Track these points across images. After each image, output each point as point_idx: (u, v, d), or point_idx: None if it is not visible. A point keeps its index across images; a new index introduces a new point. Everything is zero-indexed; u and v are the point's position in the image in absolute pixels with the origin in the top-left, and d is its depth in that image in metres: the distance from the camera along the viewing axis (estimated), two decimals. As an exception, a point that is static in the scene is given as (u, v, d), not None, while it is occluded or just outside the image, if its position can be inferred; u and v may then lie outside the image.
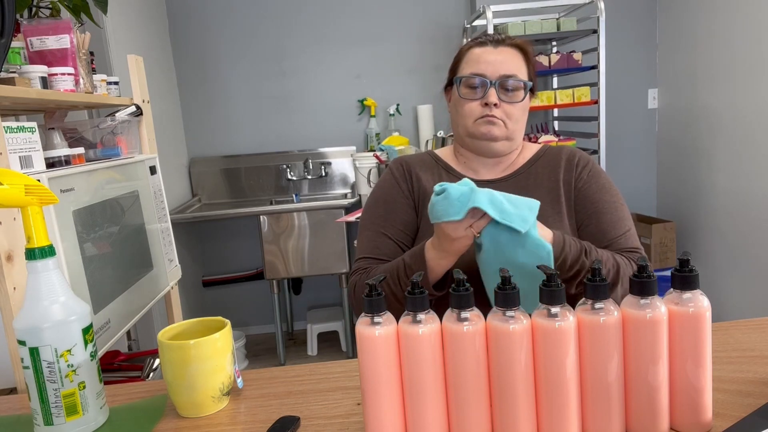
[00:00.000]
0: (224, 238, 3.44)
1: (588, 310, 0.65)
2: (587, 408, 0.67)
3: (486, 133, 1.09)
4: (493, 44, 1.11)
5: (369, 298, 0.68)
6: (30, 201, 0.77)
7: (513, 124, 1.10)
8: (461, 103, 1.11)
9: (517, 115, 1.10)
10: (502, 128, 1.09)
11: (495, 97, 1.07)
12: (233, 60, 3.30)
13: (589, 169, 1.14)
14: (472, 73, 1.09)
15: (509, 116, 1.09)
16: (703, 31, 2.92)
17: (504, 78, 1.08)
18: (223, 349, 0.84)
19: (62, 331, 0.78)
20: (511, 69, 1.08)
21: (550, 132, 3.15)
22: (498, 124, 1.08)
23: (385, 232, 1.13)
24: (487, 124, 1.08)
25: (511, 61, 1.09)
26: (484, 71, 1.08)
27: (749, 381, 0.80)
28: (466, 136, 1.13)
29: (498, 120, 1.08)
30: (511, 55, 1.10)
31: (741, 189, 2.75)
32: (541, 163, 1.15)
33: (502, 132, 1.09)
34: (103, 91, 1.59)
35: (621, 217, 1.10)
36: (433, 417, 0.68)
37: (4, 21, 1.06)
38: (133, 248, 1.48)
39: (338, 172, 3.39)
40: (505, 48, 1.10)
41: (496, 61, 1.08)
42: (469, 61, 1.12)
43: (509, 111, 1.09)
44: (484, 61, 1.09)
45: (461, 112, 1.11)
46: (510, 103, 1.08)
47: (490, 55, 1.09)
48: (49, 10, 1.55)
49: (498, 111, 1.08)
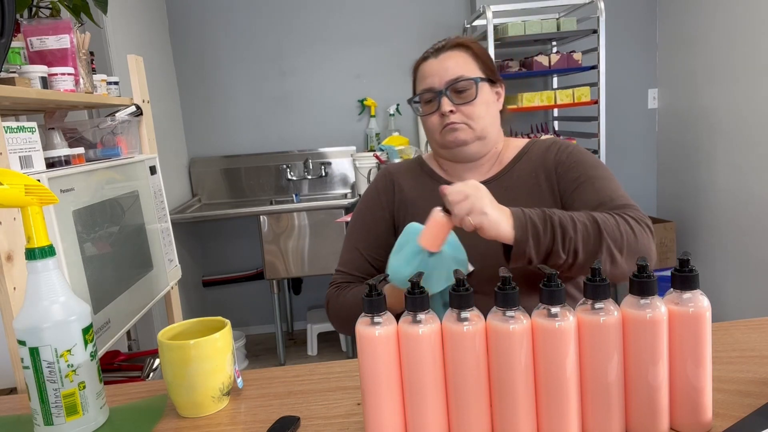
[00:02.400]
0: (224, 238, 3.44)
1: (588, 310, 0.65)
2: (587, 408, 0.67)
3: (453, 141, 1.09)
4: (434, 54, 1.11)
5: (369, 298, 0.68)
6: (30, 201, 0.77)
7: (477, 122, 1.08)
8: (424, 120, 1.13)
9: (478, 113, 1.08)
10: (467, 131, 1.08)
11: (448, 104, 1.07)
12: (233, 60, 3.30)
13: (568, 152, 1.11)
14: (422, 90, 1.10)
15: (470, 117, 1.08)
16: (703, 31, 2.92)
17: (451, 83, 1.07)
18: (223, 349, 0.84)
19: (62, 331, 0.78)
20: (456, 71, 1.07)
21: (550, 132, 3.15)
22: (461, 129, 1.08)
23: (358, 247, 1.17)
24: (451, 132, 1.08)
25: (455, 63, 1.08)
26: (431, 84, 1.09)
27: (749, 381, 0.80)
28: (439, 148, 1.14)
29: (460, 125, 1.08)
30: (454, 57, 1.09)
31: (741, 189, 2.75)
32: (525, 160, 1.14)
33: (469, 134, 1.08)
34: (103, 91, 1.59)
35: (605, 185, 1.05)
36: (433, 417, 0.68)
37: (4, 21, 1.06)
38: (133, 248, 1.48)
39: (338, 172, 3.39)
40: (447, 53, 1.10)
41: (440, 69, 1.08)
42: (419, 79, 1.13)
43: (468, 112, 1.08)
44: (429, 73, 1.09)
45: (427, 128, 1.13)
46: (465, 104, 1.07)
47: (433, 66, 1.09)
48: (49, 10, 1.55)
49: (456, 116, 1.07)
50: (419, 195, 1.16)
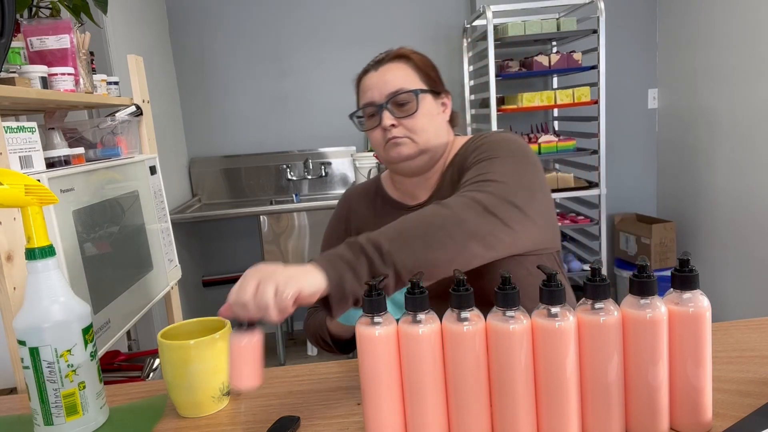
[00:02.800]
0: (224, 238, 3.44)
1: (588, 310, 0.65)
2: (587, 408, 0.67)
3: (396, 156, 1.05)
4: (374, 67, 1.08)
5: (369, 298, 0.68)
6: (30, 201, 0.77)
7: (420, 135, 1.04)
8: (368, 135, 1.09)
9: (420, 125, 1.03)
10: (410, 145, 1.04)
11: (389, 118, 1.03)
12: (233, 60, 3.30)
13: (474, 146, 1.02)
14: (363, 104, 1.07)
15: (412, 130, 1.03)
16: (703, 31, 2.92)
17: (391, 96, 1.03)
18: (223, 349, 0.84)
19: (62, 331, 0.78)
20: (396, 83, 1.04)
21: (550, 132, 3.15)
22: (404, 143, 1.03)
23: None
24: (394, 146, 1.04)
25: (395, 76, 1.05)
26: (371, 97, 1.05)
27: (749, 381, 0.80)
28: (385, 163, 1.10)
29: (402, 138, 1.03)
30: (394, 70, 1.06)
31: (741, 189, 2.75)
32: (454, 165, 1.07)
33: (412, 148, 1.04)
34: (103, 91, 1.59)
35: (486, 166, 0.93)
36: (433, 417, 0.68)
37: (4, 21, 1.06)
38: (133, 248, 1.48)
39: (338, 172, 3.39)
40: (386, 65, 1.07)
41: (380, 83, 1.05)
42: (361, 93, 1.10)
43: (410, 125, 1.03)
44: (369, 87, 1.06)
45: (372, 143, 1.10)
46: (407, 117, 1.03)
47: (373, 79, 1.06)
48: (49, 10, 1.55)
49: (398, 130, 1.03)
50: (373, 221, 1.15)
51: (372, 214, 1.16)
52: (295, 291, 0.69)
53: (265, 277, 0.70)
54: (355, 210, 1.19)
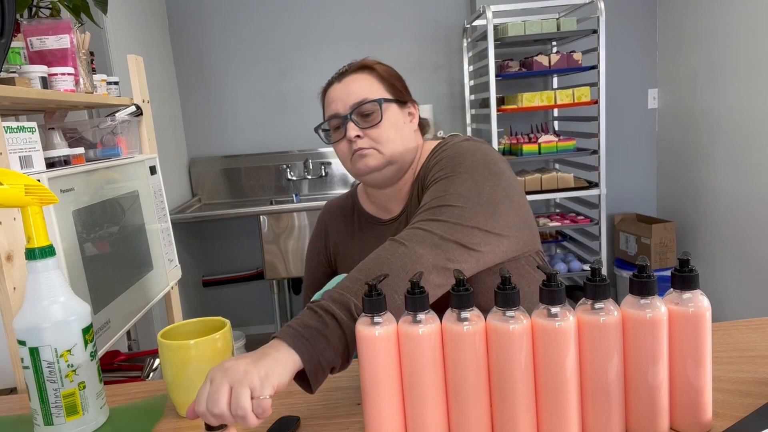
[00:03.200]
0: (224, 238, 3.44)
1: (588, 310, 0.65)
2: (587, 408, 0.67)
3: (363, 168, 1.03)
4: (338, 79, 1.06)
5: (369, 298, 0.68)
6: (30, 201, 0.77)
7: (386, 146, 1.02)
8: (335, 148, 1.07)
9: (386, 136, 1.02)
10: (376, 156, 1.02)
11: (354, 129, 1.01)
12: (233, 60, 3.30)
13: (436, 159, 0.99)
14: (328, 116, 1.05)
15: (378, 140, 1.01)
16: (703, 31, 2.92)
17: (354, 106, 1.02)
18: (223, 349, 0.84)
19: (62, 331, 0.78)
20: (359, 94, 1.02)
21: (550, 132, 3.15)
22: (370, 154, 1.02)
23: (307, 291, 1.23)
24: (360, 158, 1.02)
25: (358, 87, 1.03)
26: (336, 109, 1.04)
27: (749, 381, 0.80)
28: (354, 176, 1.08)
29: (368, 150, 1.01)
30: (356, 80, 1.04)
31: (741, 189, 2.75)
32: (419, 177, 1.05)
33: (379, 160, 1.02)
34: (103, 91, 1.59)
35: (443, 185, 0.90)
36: (433, 417, 0.68)
37: (4, 21, 1.06)
38: (133, 248, 1.48)
39: (338, 172, 3.39)
40: (349, 76, 1.05)
41: (343, 94, 1.03)
42: (326, 105, 1.08)
43: (375, 135, 1.01)
44: (333, 99, 1.05)
45: (338, 156, 1.07)
46: (371, 128, 1.02)
47: (337, 91, 1.05)
48: (49, 10, 1.55)
49: (364, 141, 1.01)
50: (348, 237, 1.16)
51: (349, 230, 1.16)
52: (273, 389, 0.65)
53: (236, 380, 0.64)
54: (332, 227, 1.20)
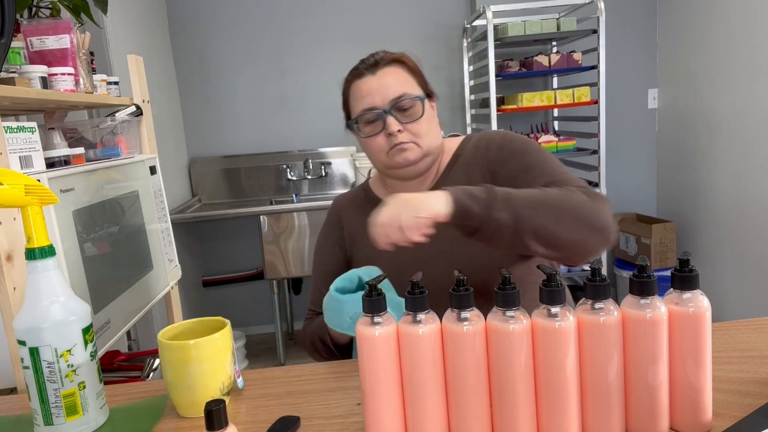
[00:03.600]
0: (224, 238, 3.44)
1: (588, 310, 0.65)
2: (587, 408, 0.67)
3: (402, 162, 1.04)
4: (370, 71, 1.05)
5: (369, 299, 0.68)
6: (30, 201, 0.77)
7: (424, 140, 1.04)
8: (367, 142, 1.07)
9: (424, 130, 1.04)
10: (415, 150, 1.04)
11: (395, 124, 1.02)
12: (233, 60, 3.30)
13: (497, 146, 1.07)
14: (363, 110, 1.04)
15: (417, 134, 1.04)
16: (703, 31, 2.92)
17: (395, 101, 1.02)
18: (223, 349, 0.84)
19: (62, 331, 0.78)
20: (398, 89, 1.03)
21: (550, 132, 3.15)
22: (410, 148, 1.03)
23: (319, 285, 1.19)
24: (400, 152, 1.03)
25: (395, 80, 1.04)
26: (373, 102, 1.03)
27: (749, 381, 0.80)
28: (386, 169, 1.09)
29: (408, 144, 1.03)
30: (393, 74, 1.04)
31: (741, 189, 2.75)
32: (458, 165, 1.10)
33: (417, 153, 1.04)
34: (103, 91, 1.59)
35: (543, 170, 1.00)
36: (433, 417, 0.68)
37: (4, 21, 1.06)
38: (133, 248, 1.48)
39: (338, 172, 3.39)
40: (384, 69, 1.05)
41: (381, 87, 1.03)
42: (355, 97, 1.06)
43: (415, 130, 1.03)
44: (368, 92, 1.03)
45: (371, 149, 1.07)
46: (412, 123, 1.03)
47: (372, 84, 1.04)
48: (49, 10, 1.55)
49: (404, 135, 1.03)
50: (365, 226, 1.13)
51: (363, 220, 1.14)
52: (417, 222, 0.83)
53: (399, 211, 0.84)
54: (346, 216, 1.18)
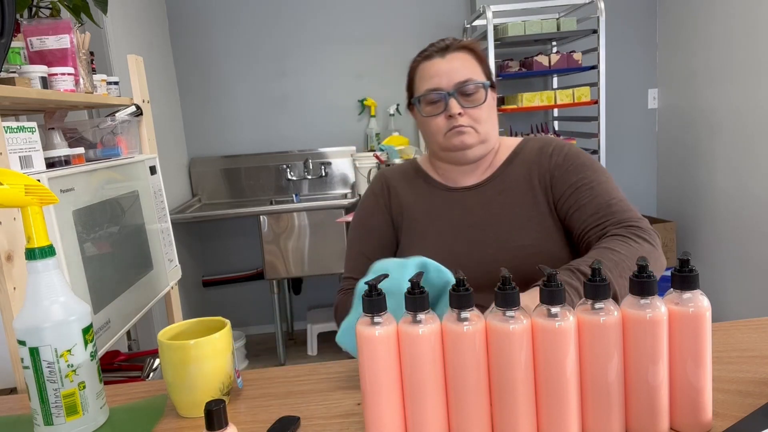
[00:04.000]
0: (224, 238, 3.44)
1: (588, 310, 0.65)
2: (587, 408, 0.67)
3: (459, 144, 1.07)
4: (439, 54, 1.08)
5: (369, 298, 0.68)
6: (30, 201, 0.77)
7: (482, 126, 1.08)
8: (427, 121, 1.10)
9: (484, 117, 1.08)
10: (473, 135, 1.07)
11: (457, 106, 1.05)
12: (233, 60, 3.30)
13: (564, 154, 1.10)
14: (427, 90, 1.08)
15: (477, 120, 1.07)
16: (703, 31, 2.92)
17: (460, 85, 1.06)
18: (223, 349, 0.84)
19: (62, 331, 0.78)
20: (465, 74, 1.06)
21: (550, 132, 3.15)
22: (468, 132, 1.07)
23: (364, 252, 1.16)
24: (458, 135, 1.07)
25: (463, 65, 1.07)
26: (439, 84, 1.06)
27: (749, 381, 0.80)
28: (440, 150, 1.12)
29: (467, 128, 1.07)
30: (461, 60, 1.08)
31: (741, 189, 2.75)
32: (517, 162, 1.13)
33: (475, 138, 1.08)
34: (103, 91, 1.59)
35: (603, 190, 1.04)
36: (433, 417, 0.68)
37: (4, 21, 1.06)
38: (133, 248, 1.48)
39: (338, 172, 3.39)
40: (453, 54, 1.08)
41: (449, 70, 1.06)
42: (422, 78, 1.10)
43: (475, 115, 1.07)
44: (435, 73, 1.07)
45: (429, 129, 1.10)
46: (473, 108, 1.07)
47: (441, 66, 1.07)
48: (49, 10, 1.55)
49: (464, 119, 1.06)
50: (415, 200, 1.16)
51: (414, 191, 1.17)
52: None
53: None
54: (396, 185, 1.19)
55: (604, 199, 1.03)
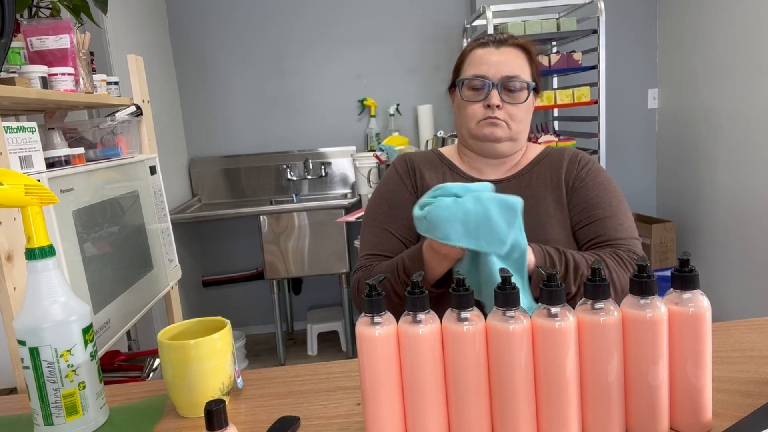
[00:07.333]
0: (224, 238, 3.44)
1: (588, 310, 0.65)
2: (587, 408, 0.67)
3: (489, 135, 1.08)
4: (495, 45, 1.10)
5: (369, 298, 0.68)
6: (30, 201, 0.77)
7: (516, 125, 1.09)
8: (464, 105, 1.10)
9: (520, 116, 1.09)
10: (505, 129, 1.08)
11: (497, 98, 1.06)
12: (233, 60, 3.30)
13: (588, 168, 1.13)
14: (474, 75, 1.08)
15: (512, 117, 1.08)
16: (703, 31, 2.92)
17: (506, 79, 1.07)
18: (223, 349, 0.84)
19: (62, 331, 0.78)
20: (514, 70, 1.07)
21: (550, 132, 3.15)
22: (501, 126, 1.08)
23: (389, 228, 1.12)
24: (490, 125, 1.08)
25: (514, 61, 1.08)
26: (486, 72, 1.07)
27: (749, 381, 0.80)
28: (469, 137, 1.12)
29: (501, 121, 1.07)
30: (514, 56, 1.09)
31: (741, 189, 2.75)
32: (544, 163, 1.15)
33: (506, 133, 1.08)
34: (103, 91, 1.59)
35: (616, 213, 1.07)
36: (433, 417, 0.68)
37: (4, 21, 1.06)
38: (133, 248, 1.48)
39: (338, 172, 3.39)
40: (508, 48, 1.09)
41: (499, 62, 1.07)
42: (471, 63, 1.11)
43: (512, 112, 1.08)
44: (486, 62, 1.08)
45: (464, 113, 1.11)
46: (513, 104, 1.08)
47: (492, 56, 1.08)
48: (49, 10, 1.55)
49: (501, 112, 1.07)
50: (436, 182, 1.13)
51: (437, 176, 1.16)
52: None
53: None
54: (420, 170, 1.17)
55: (611, 222, 1.06)
